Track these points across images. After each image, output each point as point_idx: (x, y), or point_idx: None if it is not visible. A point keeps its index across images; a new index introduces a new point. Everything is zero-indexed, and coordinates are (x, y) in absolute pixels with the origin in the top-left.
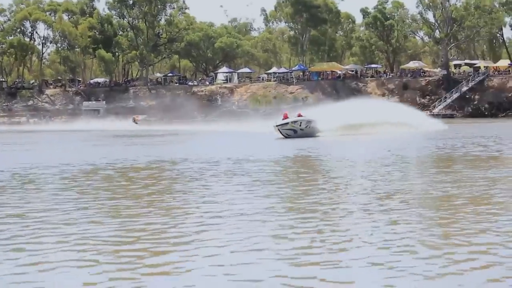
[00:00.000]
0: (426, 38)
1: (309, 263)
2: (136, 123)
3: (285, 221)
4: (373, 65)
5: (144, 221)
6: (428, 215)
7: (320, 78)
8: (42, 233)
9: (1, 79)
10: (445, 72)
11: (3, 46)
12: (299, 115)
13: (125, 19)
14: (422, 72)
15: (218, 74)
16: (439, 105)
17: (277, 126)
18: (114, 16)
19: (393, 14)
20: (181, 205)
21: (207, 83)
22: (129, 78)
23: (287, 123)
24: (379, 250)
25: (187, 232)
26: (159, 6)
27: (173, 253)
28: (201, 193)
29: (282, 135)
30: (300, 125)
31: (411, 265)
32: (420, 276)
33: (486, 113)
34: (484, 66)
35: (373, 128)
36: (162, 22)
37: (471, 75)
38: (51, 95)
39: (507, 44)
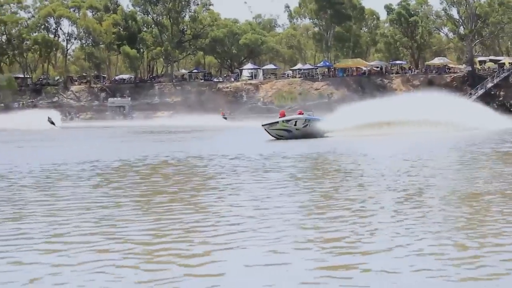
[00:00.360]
0: (450, 35)
1: (352, 264)
2: (226, 118)
3: (320, 219)
4: (398, 62)
5: (180, 219)
6: (463, 214)
7: (345, 75)
8: (74, 232)
9: (26, 76)
10: (470, 68)
11: (28, 42)
12: (300, 113)
13: (149, 15)
14: (447, 69)
15: (243, 70)
16: None
17: (263, 126)
18: (138, 13)
19: (417, 10)
20: (214, 202)
21: (232, 79)
22: (154, 75)
23: (277, 123)
24: (420, 249)
25: (223, 230)
26: (183, 3)
27: (209, 253)
28: (233, 190)
29: (272, 136)
30: (295, 125)
31: (452, 264)
32: (459, 277)
33: (511, 109)
34: (509, 63)
35: (407, 127)
36: (187, 18)
37: (496, 71)
38: (76, 92)
39: None
